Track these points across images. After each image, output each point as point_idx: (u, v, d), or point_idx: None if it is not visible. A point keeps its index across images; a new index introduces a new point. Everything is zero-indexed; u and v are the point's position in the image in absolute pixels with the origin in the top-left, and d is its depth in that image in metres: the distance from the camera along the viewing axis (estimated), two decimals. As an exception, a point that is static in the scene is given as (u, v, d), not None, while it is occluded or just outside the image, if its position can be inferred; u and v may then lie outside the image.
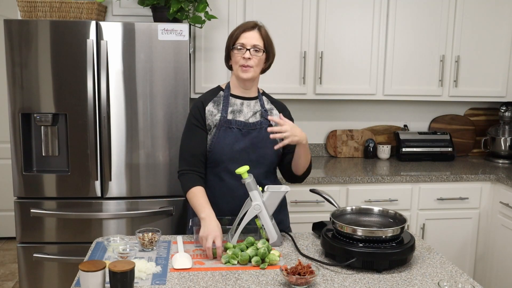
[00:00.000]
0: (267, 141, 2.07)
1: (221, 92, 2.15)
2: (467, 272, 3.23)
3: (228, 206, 2.07)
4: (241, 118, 2.09)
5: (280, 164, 2.20)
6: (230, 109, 2.10)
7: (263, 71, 2.15)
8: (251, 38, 2.02)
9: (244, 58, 2.01)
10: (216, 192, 2.08)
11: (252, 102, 2.14)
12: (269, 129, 1.93)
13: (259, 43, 2.03)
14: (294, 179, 2.20)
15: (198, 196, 1.98)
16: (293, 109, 3.58)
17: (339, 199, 3.03)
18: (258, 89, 2.19)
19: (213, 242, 1.80)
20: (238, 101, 2.12)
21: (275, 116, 2.14)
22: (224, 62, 2.16)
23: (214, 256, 1.81)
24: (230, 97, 2.12)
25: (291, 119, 2.21)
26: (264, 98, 2.19)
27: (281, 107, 2.22)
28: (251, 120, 2.10)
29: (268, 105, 2.18)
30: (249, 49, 2.01)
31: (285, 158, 2.16)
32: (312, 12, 3.19)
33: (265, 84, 3.20)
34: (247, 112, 2.11)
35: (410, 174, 3.15)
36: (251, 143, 2.06)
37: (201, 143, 2.07)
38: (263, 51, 2.05)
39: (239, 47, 2.02)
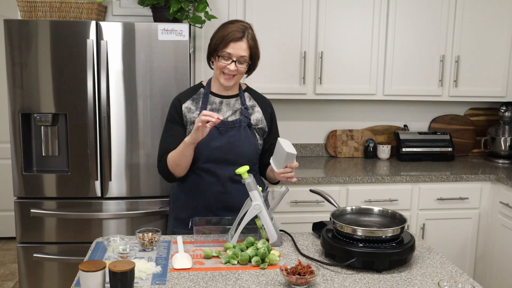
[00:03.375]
0: (245, 139, 2.08)
1: (201, 89, 2.15)
2: (467, 272, 3.23)
3: (205, 202, 2.10)
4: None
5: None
6: (208, 107, 2.10)
7: (248, 74, 2.16)
8: (239, 49, 2.00)
9: (228, 68, 2.01)
10: (193, 188, 2.11)
11: (232, 100, 2.14)
12: (282, 175, 1.95)
13: (246, 54, 2.02)
14: (268, 180, 2.26)
15: (174, 150, 2.04)
16: (293, 109, 3.61)
17: (339, 199, 3.03)
18: (240, 84, 2.17)
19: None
20: (218, 99, 2.12)
21: (256, 113, 2.15)
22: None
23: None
24: (210, 95, 2.12)
25: (274, 117, 2.22)
26: (246, 94, 2.18)
27: (264, 103, 2.20)
28: (230, 119, 2.10)
29: (250, 102, 2.17)
30: (234, 61, 2.01)
31: (262, 161, 2.21)
32: (312, 12, 3.19)
33: (265, 84, 3.21)
34: (226, 111, 2.11)
35: (410, 174, 3.15)
36: (228, 141, 2.06)
37: (179, 136, 2.08)
38: (248, 63, 2.05)
39: (225, 57, 2.01)
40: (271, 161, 2.01)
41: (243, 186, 1.89)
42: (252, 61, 2.08)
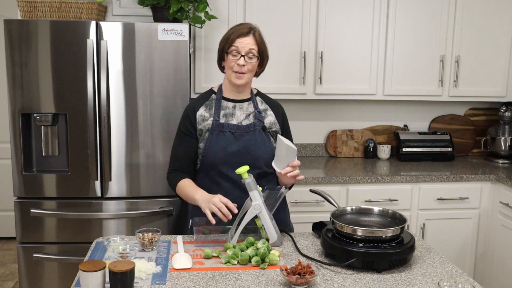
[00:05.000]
0: (261, 143, 2.07)
1: (213, 95, 2.14)
2: (467, 272, 3.23)
3: None
4: (233, 121, 2.08)
5: None
6: (222, 112, 2.09)
7: (257, 74, 2.14)
8: (246, 44, 2.01)
9: (238, 64, 2.01)
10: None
11: (245, 104, 2.13)
12: (289, 174, 1.94)
13: (254, 47, 2.02)
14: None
15: (187, 185, 2.06)
16: (293, 109, 3.61)
17: (339, 199, 3.03)
18: (251, 89, 2.17)
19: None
20: (230, 104, 2.11)
21: (269, 116, 2.14)
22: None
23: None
24: (222, 100, 2.11)
25: (285, 119, 2.21)
26: (258, 98, 2.18)
27: (276, 106, 2.20)
28: (244, 123, 2.09)
29: (262, 106, 2.16)
30: (243, 56, 2.00)
31: None
32: (312, 12, 3.19)
33: (265, 84, 3.20)
34: (240, 115, 2.10)
35: (410, 174, 3.15)
36: (244, 146, 2.05)
37: (190, 150, 2.11)
38: (257, 58, 2.05)
39: (233, 53, 2.01)
40: (273, 164, 2.00)
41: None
42: (261, 58, 2.07)
